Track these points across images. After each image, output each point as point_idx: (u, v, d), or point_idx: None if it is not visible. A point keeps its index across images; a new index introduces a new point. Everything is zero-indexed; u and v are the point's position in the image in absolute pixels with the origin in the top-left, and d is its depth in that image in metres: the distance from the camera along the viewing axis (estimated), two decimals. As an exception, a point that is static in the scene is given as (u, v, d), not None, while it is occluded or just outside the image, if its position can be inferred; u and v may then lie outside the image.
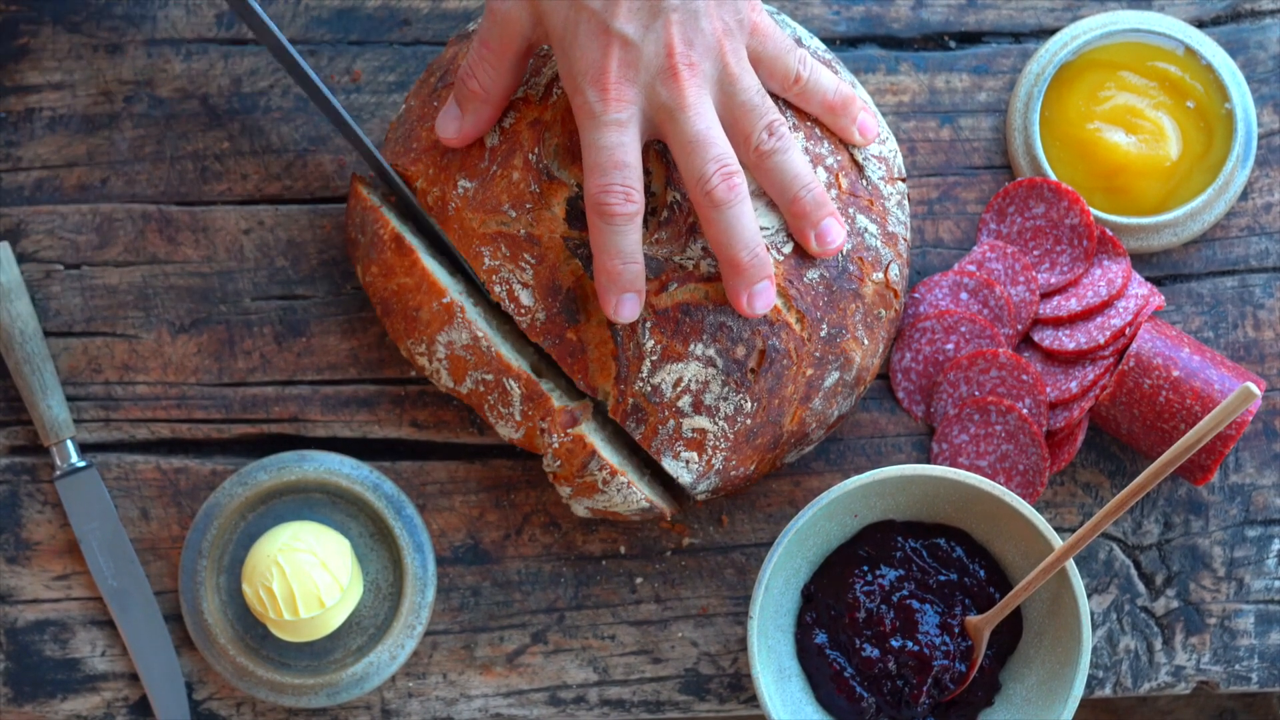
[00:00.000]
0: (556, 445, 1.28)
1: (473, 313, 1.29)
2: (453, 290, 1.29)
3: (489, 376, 1.28)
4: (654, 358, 1.25)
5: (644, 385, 1.25)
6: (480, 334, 1.28)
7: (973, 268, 1.38)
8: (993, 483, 1.29)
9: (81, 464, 1.37)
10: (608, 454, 1.29)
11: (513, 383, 1.28)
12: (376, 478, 1.36)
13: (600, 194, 1.19)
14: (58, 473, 1.37)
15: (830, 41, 1.42)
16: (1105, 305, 1.36)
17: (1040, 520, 1.28)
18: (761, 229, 1.25)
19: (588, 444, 1.27)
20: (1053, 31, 1.42)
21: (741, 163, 1.22)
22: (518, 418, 1.29)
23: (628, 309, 1.23)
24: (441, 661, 1.38)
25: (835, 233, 1.25)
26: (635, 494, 1.29)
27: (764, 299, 1.23)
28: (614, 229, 1.20)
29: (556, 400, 1.29)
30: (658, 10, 1.19)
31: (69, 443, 1.37)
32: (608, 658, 1.39)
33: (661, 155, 1.25)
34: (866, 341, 1.30)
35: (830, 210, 1.24)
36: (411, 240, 1.30)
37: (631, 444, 1.35)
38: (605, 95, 1.18)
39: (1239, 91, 1.39)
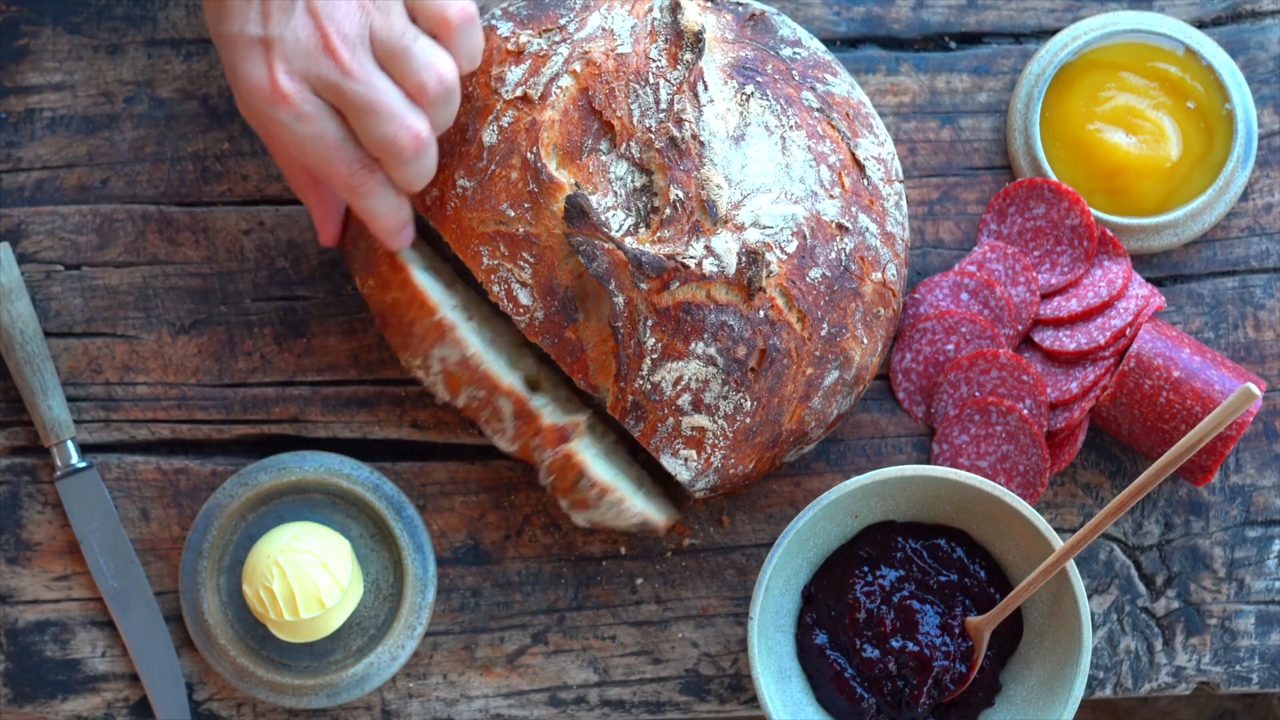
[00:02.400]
0: (549, 461, 1.28)
1: (466, 329, 1.29)
2: (445, 307, 1.29)
3: (481, 393, 1.29)
4: (654, 356, 1.25)
5: (644, 383, 1.25)
6: (471, 352, 1.28)
7: (973, 268, 1.38)
8: (993, 483, 1.29)
9: (82, 464, 1.37)
10: (600, 468, 1.29)
11: (503, 400, 1.28)
12: (377, 478, 1.36)
13: (346, 179, 1.22)
14: (58, 473, 1.37)
15: (830, 42, 1.42)
16: (1106, 306, 1.36)
17: (1041, 521, 1.28)
18: (764, 228, 1.25)
19: (575, 462, 1.27)
20: (1053, 32, 1.42)
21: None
22: (511, 433, 1.29)
23: (405, 238, 1.28)
24: (442, 662, 1.38)
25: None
26: (628, 511, 1.29)
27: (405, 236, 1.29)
28: (372, 196, 1.24)
29: (548, 417, 1.29)
30: (289, 3, 1.20)
31: (69, 443, 1.37)
32: (608, 658, 1.39)
33: (663, 153, 1.25)
34: (866, 340, 1.30)
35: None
36: (405, 255, 1.30)
37: (633, 448, 1.35)
38: (284, 102, 1.20)
39: (1239, 92, 1.39)
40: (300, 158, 1.23)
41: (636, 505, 1.30)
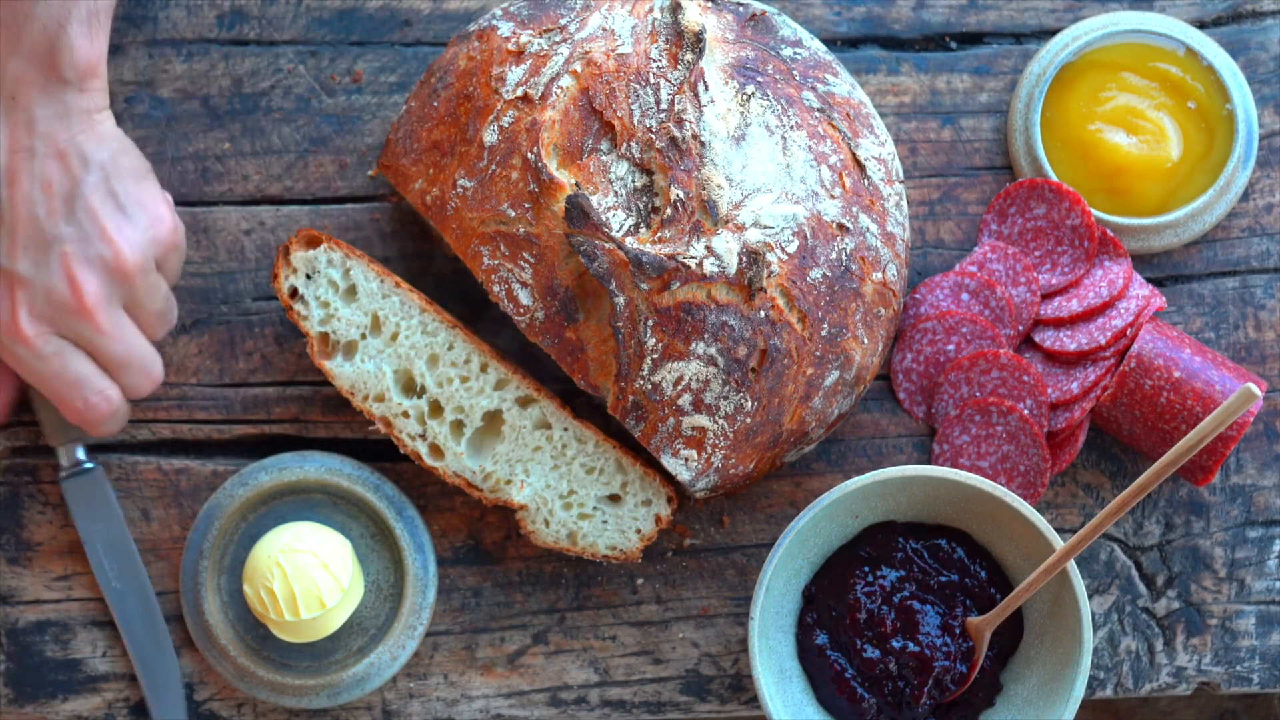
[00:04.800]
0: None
1: (400, 422, 1.32)
2: (376, 408, 1.32)
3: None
4: (655, 356, 1.25)
5: (644, 383, 1.25)
6: (411, 450, 1.32)
7: (974, 268, 1.38)
8: (994, 484, 1.29)
9: (88, 465, 1.37)
10: (556, 525, 1.32)
11: (449, 477, 1.32)
12: (377, 479, 1.36)
13: (82, 416, 1.27)
14: (63, 473, 1.37)
15: (831, 42, 1.42)
16: (1106, 306, 1.36)
17: (1041, 521, 1.28)
18: (765, 228, 1.25)
19: (526, 530, 1.32)
20: (1054, 32, 1.42)
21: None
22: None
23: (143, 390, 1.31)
24: (442, 662, 1.38)
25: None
26: (595, 555, 1.33)
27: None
28: (106, 423, 1.29)
29: (490, 492, 1.32)
30: (46, 243, 1.24)
31: (78, 445, 1.37)
32: (609, 658, 1.39)
33: (664, 153, 1.25)
34: (866, 340, 1.30)
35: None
36: (327, 365, 1.32)
37: (631, 442, 1.35)
38: (25, 343, 1.24)
39: (1240, 92, 1.39)
40: (35, 384, 1.27)
41: (599, 549, 1.32)
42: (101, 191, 1.25)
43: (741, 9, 1.33)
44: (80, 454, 1.37)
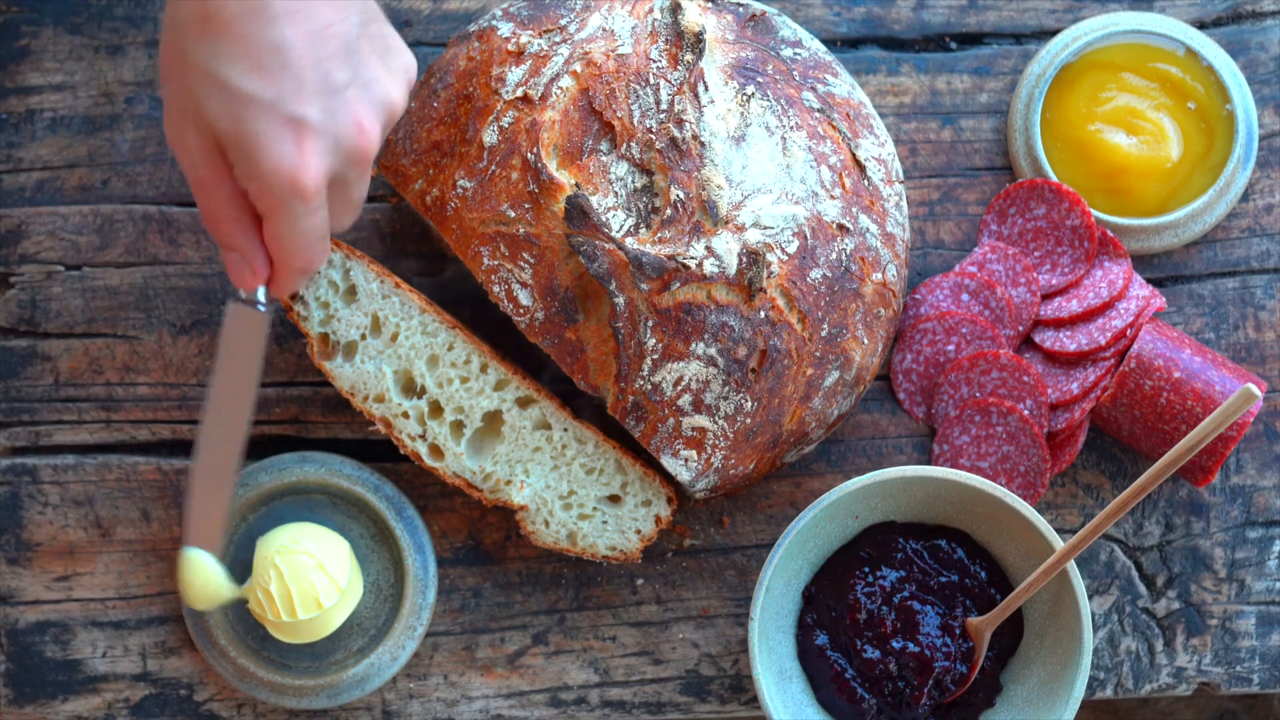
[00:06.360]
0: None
1: (400, 422, 1.31)
2: (376, 409, 1.32)
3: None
4: (655, 356, 1.25)
5: (644, 384, 1.25)
6: (411, 451, 1.32)
7: (974, 269, 1.38)
8: (994, 484, 1.29)
9: (262, 305, 1.24)
10: (555, 525, 1.32)
11: (451, 478, 1.32)
12: (377, 479, 1.36)
13: (313, 266, 1.18)
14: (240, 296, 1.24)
15: (831, 43, 1.42)
16: (1106, 306, 1.36)
17: (1041, 521, 1.28)
18: (765, 228, 1.25)
19: (526, 530, 1.32)
20: (1054, 33, 1.42)
21: None
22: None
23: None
24: (442, 663, 1.38)
25: None
26: (595, 554, 1.33)
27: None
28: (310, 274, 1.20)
29: (491, 492, 1.32)
30: (333, 88, 1.11)
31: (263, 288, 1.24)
32: (609, 659, 1.39)
33: (664, 154, 1.25)
34: (866, 341, 1.30)
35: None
36: (327, 366, 1.32)
37: (629, 441, 1.35)
38: (304, 197, 1.12)
39: (1240, 93, 1.39)
40: (287, 238, 1.16)
41: (599, 550, 1.32)
42: (368, 33, 1.14)
43: (741, 9, 1.33)
44: (261, 293, 1.24)
